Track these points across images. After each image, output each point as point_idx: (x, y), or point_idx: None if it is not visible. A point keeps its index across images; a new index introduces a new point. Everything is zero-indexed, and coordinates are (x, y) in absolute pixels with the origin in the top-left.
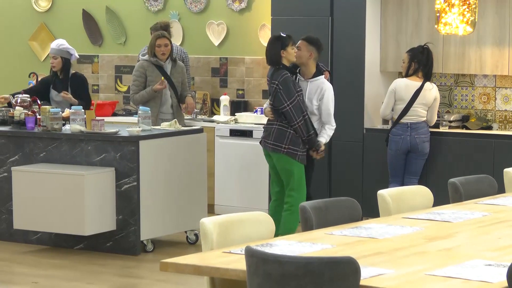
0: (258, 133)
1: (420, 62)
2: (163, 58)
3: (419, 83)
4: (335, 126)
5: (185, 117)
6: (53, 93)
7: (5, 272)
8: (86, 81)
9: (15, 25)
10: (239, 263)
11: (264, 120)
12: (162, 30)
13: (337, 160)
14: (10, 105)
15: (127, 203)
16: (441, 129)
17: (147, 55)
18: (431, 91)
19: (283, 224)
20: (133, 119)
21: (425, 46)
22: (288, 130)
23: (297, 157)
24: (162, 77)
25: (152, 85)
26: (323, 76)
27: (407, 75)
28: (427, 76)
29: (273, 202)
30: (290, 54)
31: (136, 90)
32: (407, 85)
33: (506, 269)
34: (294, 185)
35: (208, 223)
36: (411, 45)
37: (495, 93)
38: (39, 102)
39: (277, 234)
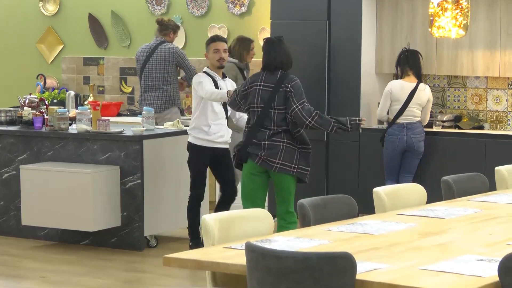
0: None
1: (404, 64)
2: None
3: (413, 84)
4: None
5: (188, 118)
6: None
7: (14, 267)
8: None
9: (23, 28)
10: (239, 258)
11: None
12: (160, 27)
13: (334, 159)
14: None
15: (132, 200)
16: (435, 129)
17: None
18: (424, 91)
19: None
20: (137, 119)
21: (404, 49)
22: (296, 149)
23: (306, 177)
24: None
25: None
26: None
27: (398, 78)
28: (418, 76)
29: None
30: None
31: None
32: (402, 86)
33: (497, 264)
34: (291, 204)
35: (210, 219)
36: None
37: (486, 94)
38: (46, 102)
39: None
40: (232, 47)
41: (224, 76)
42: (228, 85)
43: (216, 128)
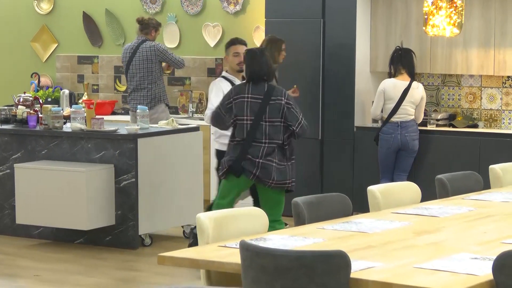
0: None
1: (397, 63)
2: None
3: (407, 82)
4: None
5: (182, 116)
6: None
7: (9, 266)
8: None
9: (17, 27)
10: (234, 257)
11: None
12: (141, 26)
13: (328, 157)
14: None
15: (126, 198)
16: (429, 127)
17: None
18: (417, 89)
19: None
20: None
21: (397, 48)
22: (286, 165)
23: (294, 187)
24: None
25: None
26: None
27: (391, 76)
28: (411, 74)
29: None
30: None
31: None
32: (395, 85)
33: (491, 262)
34: (280, 214)
35: (204, 218)
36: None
37: (480, 92)
38: (40, 101)
39: None
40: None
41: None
42: None
43: None
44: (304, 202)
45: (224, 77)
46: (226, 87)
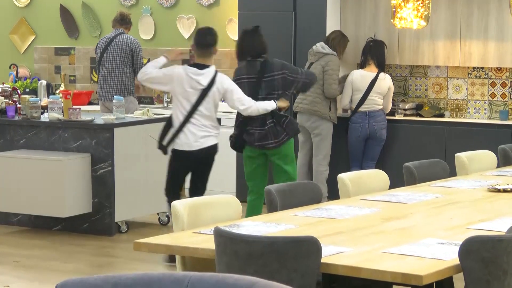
0: (225, 121)
1: (366, 54)
2: None
3: (374, 73)
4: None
5: (157, 106)
6: None
7: None
8: None
9: None
10: (208, 243)
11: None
12: (123, 20)
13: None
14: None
15: (103, 187)
16: (397, 117)
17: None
18: (384, 80)
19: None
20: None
21: (369, 39)
22: (280, 122)
23: (297, 125)
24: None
25: None
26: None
27: (362, 67)
28: (380, 66)
29: (254, 199)
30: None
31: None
32: (362, 76)
33: (457, 247)
34: (294, 168)
35: (179, 205)
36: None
37: (447, 83)
38: (19, 92)
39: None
40: (332, 38)
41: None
42: None
43: None
44: (276, 190)
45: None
46: None
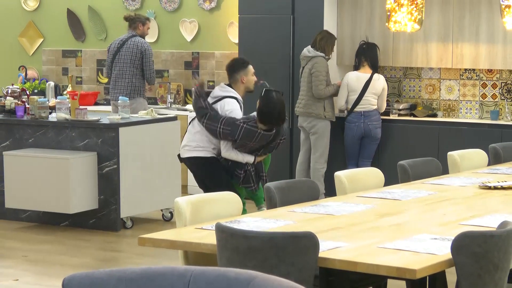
0: None
1: (361, 56)
2: None
3: (368, 75)
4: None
5: (161, 107)
6: None
7: None
8: None
9: (5, 23)
10: (210, 238)
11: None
12: (128, 22)
13: (298, 146)
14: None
15: (108, 184)
16: (391, 117)
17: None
18: (379, 81)
19: None
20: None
21: (362, 42)
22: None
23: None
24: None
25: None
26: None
27: (356, 69)
28: (374, 67)
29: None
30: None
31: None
32: (357, 77)
33: (450, 243)
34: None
35: (182, 202)
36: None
37: (439, 84)
38: (28, 92)
39: None
40: (319, 40)
41: None
42: None
43: None
44: (275, 187)
45: (237, 99)
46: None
